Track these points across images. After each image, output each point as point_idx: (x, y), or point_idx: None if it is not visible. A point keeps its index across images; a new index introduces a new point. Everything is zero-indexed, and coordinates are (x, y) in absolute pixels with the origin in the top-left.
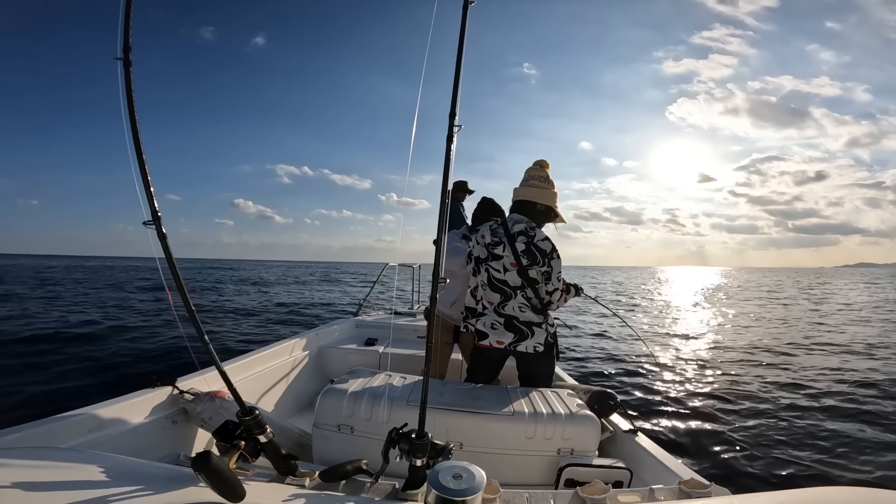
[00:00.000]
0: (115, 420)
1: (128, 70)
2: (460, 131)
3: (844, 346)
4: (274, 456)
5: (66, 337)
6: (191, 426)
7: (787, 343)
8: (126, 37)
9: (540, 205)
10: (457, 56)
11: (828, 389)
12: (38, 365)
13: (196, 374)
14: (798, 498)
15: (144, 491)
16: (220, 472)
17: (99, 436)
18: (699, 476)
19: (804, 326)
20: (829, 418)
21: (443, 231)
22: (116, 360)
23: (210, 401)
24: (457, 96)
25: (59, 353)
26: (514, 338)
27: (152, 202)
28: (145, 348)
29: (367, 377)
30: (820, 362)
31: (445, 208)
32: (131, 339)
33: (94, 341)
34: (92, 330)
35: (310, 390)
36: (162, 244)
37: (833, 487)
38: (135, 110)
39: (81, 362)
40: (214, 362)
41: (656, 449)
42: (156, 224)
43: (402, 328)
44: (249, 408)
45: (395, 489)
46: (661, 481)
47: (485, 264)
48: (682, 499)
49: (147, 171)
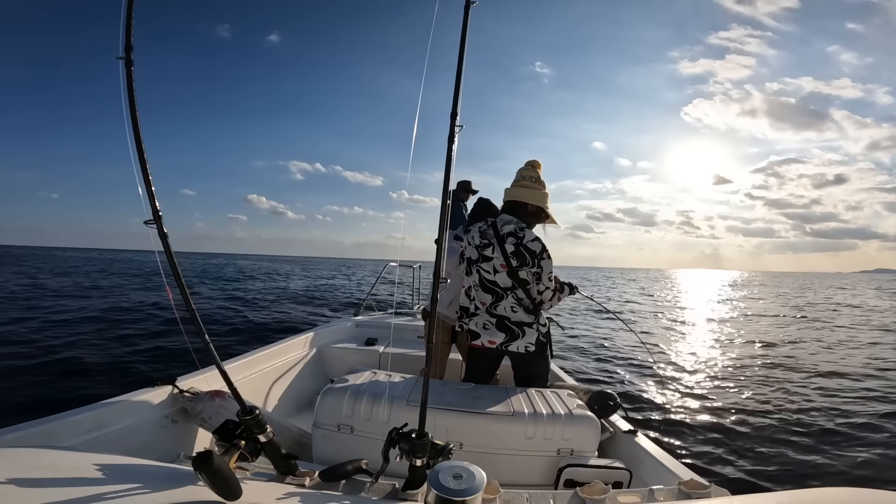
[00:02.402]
0: (115, 420)
1: (129, 69)
2: (462, 131)
3: (844, 345)
4: (274, 455)
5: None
6: (191, 426)
7: (787, 343)
8: (128, 36)
9: (531, 205)
10: (458, 56)
11: (828, 389)
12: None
13: (196, 373)
14: (798, 498)
15: (144, 490)
16: (220, 471)
17: (99, 435)
18: (699, 476)
19: (806, 325)
20: (829, 418)
21: (444, 230)
22: (117, 360)
23: (210, 400)
24: (458, 96)
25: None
26: (506, 338)
27: (153, 201)
28: (145, 348)
29: (367, 377)
30: (820, 362)
31: (446, 207)
32: (130, 339)
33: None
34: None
35: (310, 390)
36: (163, 243)
37: (833, 488)
38: (136, 109)
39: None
40: (215, 361)
41: (656, 449)
42: (157, 223)
43: (402, 328)
44: (249, 407)
45: (395, 489)
46: (661, 482)
47: (476, 265)
48: (681, 499)
49: (148, 170)
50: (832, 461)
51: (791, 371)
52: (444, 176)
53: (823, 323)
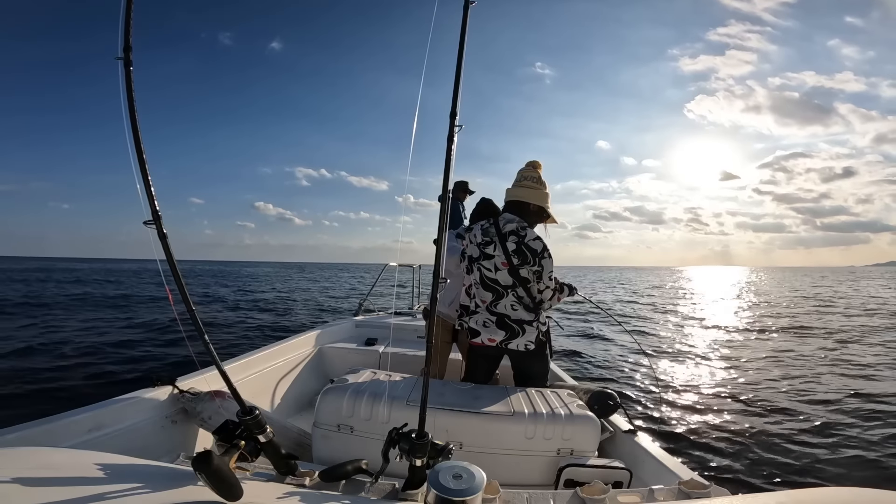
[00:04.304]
0: (115, 420)
1: (128, 70)
2: (463, 132)
3: (845, 345)
4: (274, 456)
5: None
6: (191, 426)
7: (788, 343)
8: (126, 37)
9: (532, 205)
10: (457, 56)
11: (829, 389)
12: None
13: (196, 373)
14: (798, 498)
15: (144, 491)
16: (219, 471)
17: (99, 435)
18: (699, 476)
19: (807, 323)
20: (829, 418)
21: (443, 230)
22: (116, 359)
23: (210, 400)
24: (457, 97)
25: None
26: (506, 336)
27: (153, 202)
28: (144, 348)
29: (366, 377)
30: (820, 362)
31: (446, 208)
32: (130, 339)
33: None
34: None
35: (310, 390)
36: (162, 244)
37: (833, 487)
38: (135, 110)
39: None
40: (215, 362)
41: (656, 449)
42: (156, 224)
43: (402, 328)
44: (249, 407)
45: (395, 489)
46: (661, 482)
47: (477, 263)
48: (681, 499)
49: (147, 171)
50: (833, 461)
51: (792, 371)
52: (443, 176)
53: (826, 322)
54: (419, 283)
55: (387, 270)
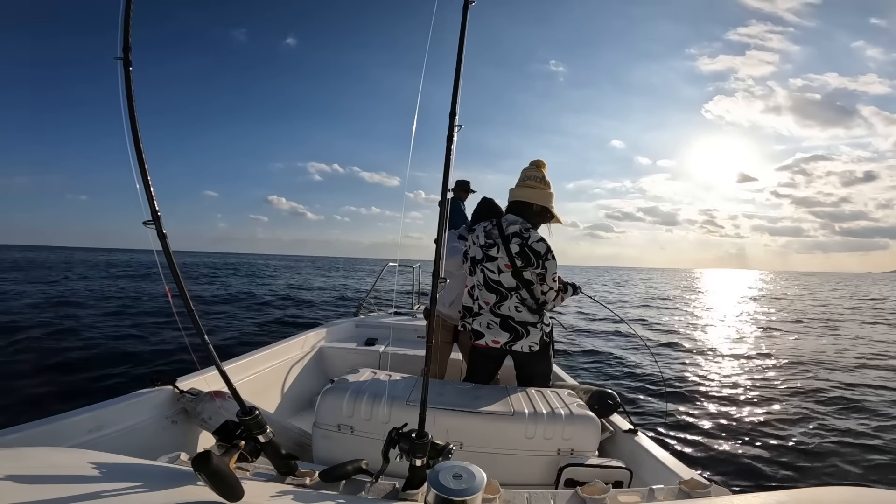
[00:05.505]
0: (115, 420)
1: (128, 70)
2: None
3: (845, 345)
4: (274, 456)
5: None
6: (191, 426)
7: (788, 343)
8: (126, 36)
9: (536, 206)
10: (457, 56)
11: (829, 389)
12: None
13: (196, 373)
14: (798, 498)
15: (144, 490)
16: (219, 472)
17: (99, 436)
18: (699, 476)
19: (810, 324)
20: (830, 418)
21: (443, 230)
22: (116, 359)
23: (210, 401)
24: (457, 96)
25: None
26: (510, 337)
27: (152, 202)
28: (144, 348)
29: (367, 377)
30: (822, 363)
31: (445, 207)
32: (129, 339)
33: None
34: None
35: (310, 390)
36: (162, 244)
37: (833, 487)
38: (135, 110)
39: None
40: (214, 362)
41: (656, 449)
42: (156, 224)
43: (402, 328)
44: (249, 408)
45: (395, 489)
46: (661, 481)
47: (480, 265)
48: (681, 499)
49: (147, 171)
50: (833, 461)
51: (792, 369)
52: (443, 175)
53: (829, 322)
54: (418, 282)
55: (387, 270)
